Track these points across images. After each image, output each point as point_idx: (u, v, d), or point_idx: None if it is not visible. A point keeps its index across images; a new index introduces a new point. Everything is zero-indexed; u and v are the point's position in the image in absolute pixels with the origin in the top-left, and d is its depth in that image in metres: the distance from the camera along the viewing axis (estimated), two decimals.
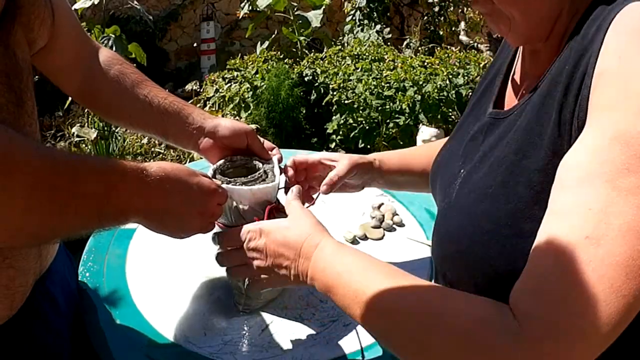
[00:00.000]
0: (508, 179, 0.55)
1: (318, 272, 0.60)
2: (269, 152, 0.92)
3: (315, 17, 3.39)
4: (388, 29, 4.02)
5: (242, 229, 0.72)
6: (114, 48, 2.88)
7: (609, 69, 0.47)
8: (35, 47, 0.80)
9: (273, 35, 3.61)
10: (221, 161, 0.86)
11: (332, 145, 2.91)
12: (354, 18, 4.17)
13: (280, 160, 0.90)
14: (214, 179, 0.79)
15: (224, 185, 0.77)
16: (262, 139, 0.93)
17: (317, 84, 3.11)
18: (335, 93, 2.89)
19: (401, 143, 2.75)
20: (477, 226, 0.57)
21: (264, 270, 0.69)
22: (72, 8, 2.93)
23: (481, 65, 3.00)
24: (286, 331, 0.83)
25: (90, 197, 0.52)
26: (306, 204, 0.81)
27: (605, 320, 0.41)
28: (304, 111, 3.11)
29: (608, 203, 0.43)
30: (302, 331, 0.82)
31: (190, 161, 2.80)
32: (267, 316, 0.86)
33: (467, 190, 0.62)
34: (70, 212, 0.50)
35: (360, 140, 2.77)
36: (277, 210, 0.78)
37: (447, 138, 0.84)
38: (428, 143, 1.03)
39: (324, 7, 3.46)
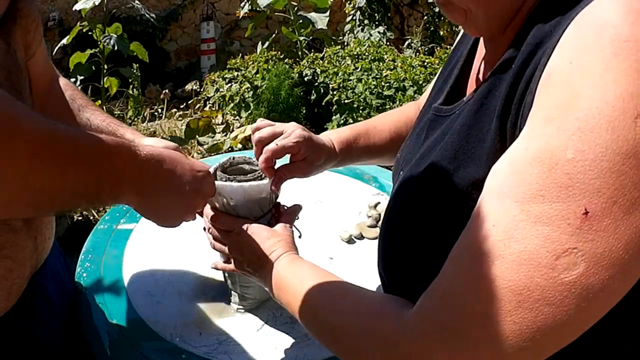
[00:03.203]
0: (444, 189, 0.51)
1: (272, 282, 0.69)
2: None
3: (320, 19, 3.38)
4: (390, 32, 4.02)
5: (235, 223, 0.76)
6: (116, 47, 2.87)
7: (557, 73, 0.40)
8: (30, 51, 0.81)
9: (273, 35, 3.61)
10: (223, 160, 0.87)
11: None
12: (354, 18, 4.17)
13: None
14: (217, 178, 0.80)
15: (217, 183, 0.78)
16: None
17: (317, 83, 3.11)
18: (335, 93, 2.89)
19: None
20: (413, 235, 0.54)
21: (237, 263, 0.76)
22: (74, 8, 2.94)
23: None
24: (281, 331, 0.83)
25: (88, 163, 0.53)
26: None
27: (490, 338, 0.39)
28: (304, 111, 3.11)
29: (513, 225, 0.39)
30: (296, 331, 0.83)
31: None
32: (262, 316, 0.87)
33: (404, 195, 0.58)
34: (68, 179, 0.51)
35: None
36: (278, 218, 0.81)
37: (412, 103, 0.84)
38: (395, 110, 0.94)
39: (328, 10, 3.44)
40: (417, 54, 3.76)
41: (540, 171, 0.39)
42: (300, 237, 0.82)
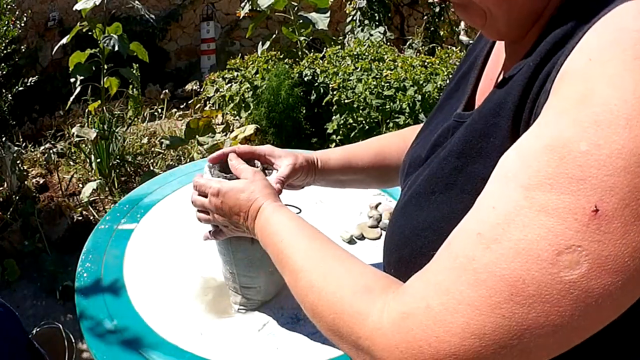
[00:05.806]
0: (452, 185, 0.50)
1: (259, 231, 0.68)
2: None
3: (320, 19, 3.37)
4: (391, 33, 4.02)
5: (206, 182, 0.77)
6: (116, 47, 2.86)
7: (575, 69, 0.39)
8: None
9: (273, 36, 3.61)
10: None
11: (332, 145, 2.92)
12: (354, 18, 4.17)
13: None
14: (212, 175, 0.79)
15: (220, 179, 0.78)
16: None
17: (317, 83, 3.11)
18: (335, 93, 2.89)
19: None
20: (419, 235, 0.52)
21: (223, 223, 0.76)
22: (74, 8, 2.94)
23: None
24: (282, 331, 0.83)
25: None
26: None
27: (473, 328, 0.37)
28: (304, 111, 3.11)
29: (514, 210, 0.37)
30: (298, 331, 0.83)
31: (190, 161, 2.80)
32: (263, 316, 0.86)
33: (411, 194, 0.56)
34: None
35: (360, 140, 2.77)
36: None
37: (413, 127, 0.84)
38: (391, 133, 0.96)
39: (329, 10, 3.43)
40: (418, 54, 3.75)
41: (550, 159, 0.37)
42: (299, 212, 0.83)
